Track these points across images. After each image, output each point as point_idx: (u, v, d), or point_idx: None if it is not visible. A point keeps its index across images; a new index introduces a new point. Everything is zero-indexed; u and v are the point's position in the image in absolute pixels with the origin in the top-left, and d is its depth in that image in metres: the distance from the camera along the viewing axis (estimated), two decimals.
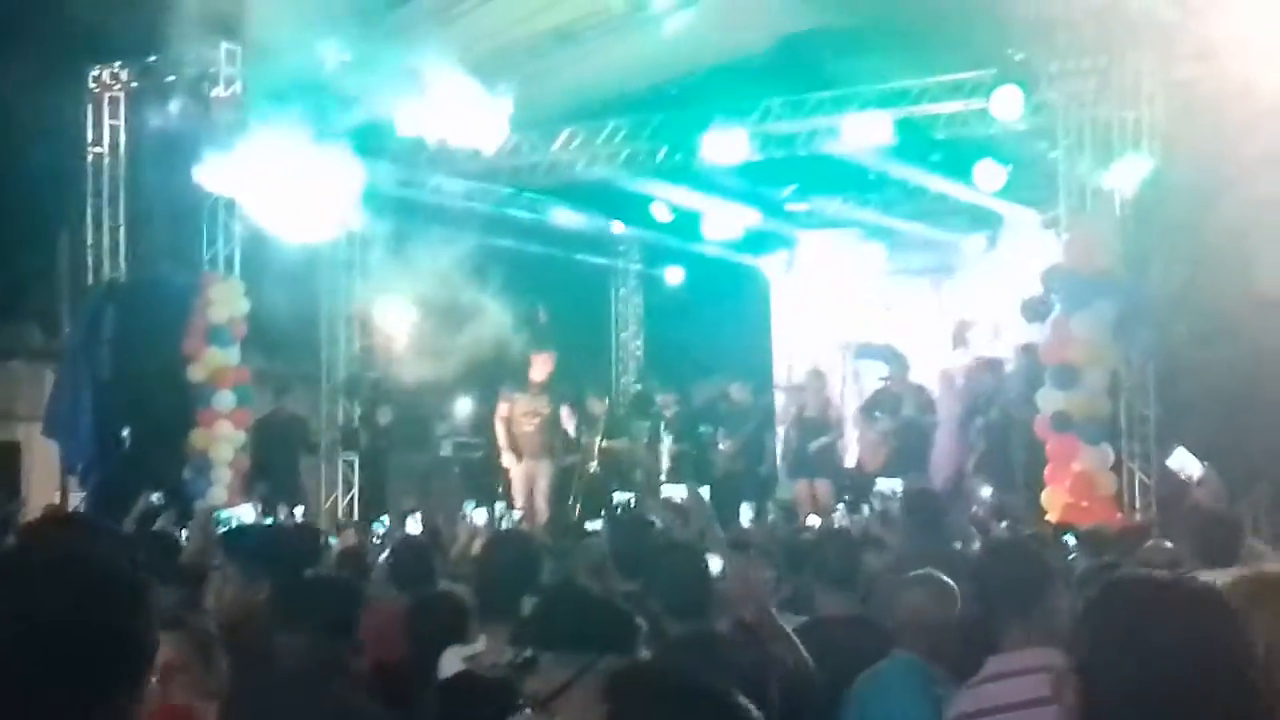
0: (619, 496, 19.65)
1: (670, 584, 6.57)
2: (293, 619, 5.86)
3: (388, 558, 10.17)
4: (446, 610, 7.41)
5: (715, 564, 7.00)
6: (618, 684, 3.74)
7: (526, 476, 20.69)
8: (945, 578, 6.79)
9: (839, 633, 7.31)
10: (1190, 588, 3.51)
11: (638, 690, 3.12)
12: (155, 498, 12.50)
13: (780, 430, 22.29)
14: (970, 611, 6.58)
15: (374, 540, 15.57)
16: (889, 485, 16.34)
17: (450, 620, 7.15)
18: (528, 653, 4.14)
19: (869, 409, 20.19)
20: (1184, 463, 11.45)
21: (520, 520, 16.95)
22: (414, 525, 14.27)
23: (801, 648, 6.64)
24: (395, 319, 21.92)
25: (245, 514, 13.96)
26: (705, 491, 18.44)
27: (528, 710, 4.15)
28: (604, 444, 21.85)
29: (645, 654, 4.27)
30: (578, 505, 20.94)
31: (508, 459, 20.84)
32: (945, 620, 6.58)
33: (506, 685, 4.35)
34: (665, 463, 21.60)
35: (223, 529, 10.52)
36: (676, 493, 18.88)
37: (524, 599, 6.60)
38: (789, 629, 6.85)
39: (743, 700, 2.95)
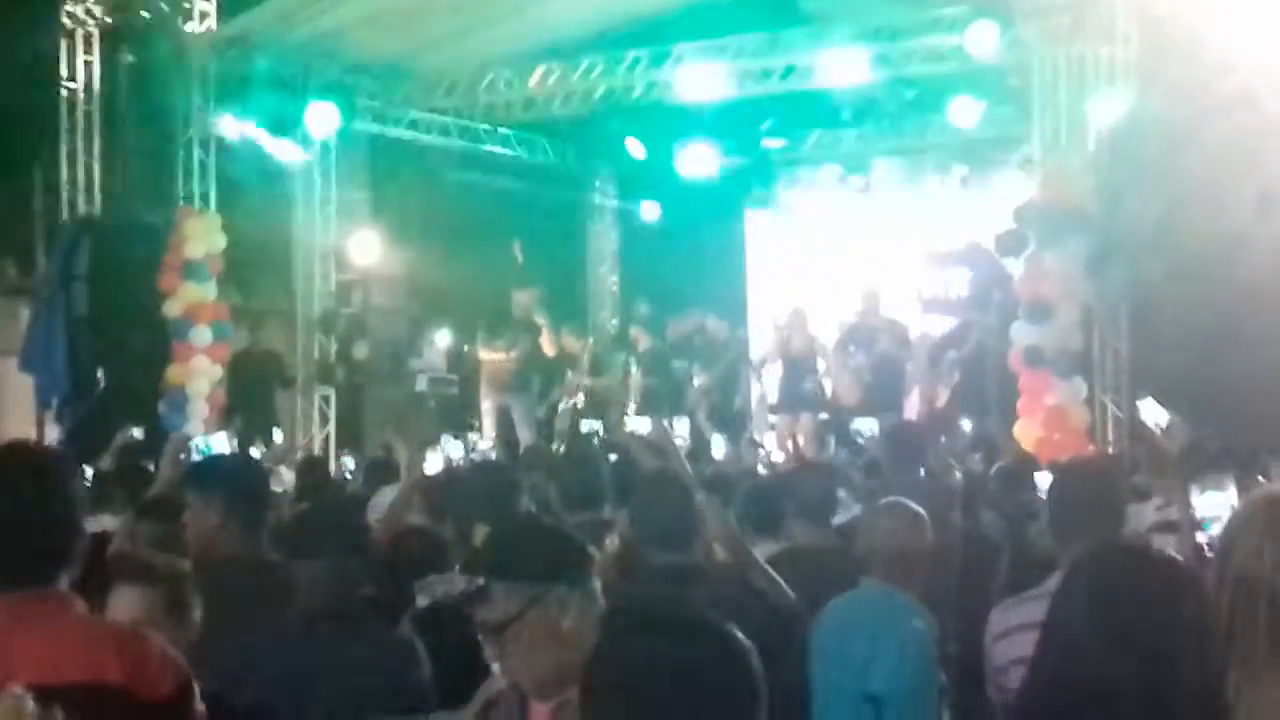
0: (586, 427, 19.71)
1: (655, 514, 6.59)
2: (309, 546, 5.89)
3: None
4: (422, 543, 7.45)
5: None
6: (613, 613, 3.78)
7: (499, 410, 20.76)
8: (915, 506, 6.84)
9: (812, 562, 7.36)
10: (1160, 558, 3.60)
11: (631, 620, 3.16)
12: (134, 432, 12.52)
13: (759, 367, 22.32)
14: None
15: (345, 474, 15.62)
16: (866, 425, 16.40)
17: (426, 552, 7.19)
18: (480, 581, 4.16)
19: (843, 344, 20.21)
20: (1152, 412, 11.50)
21: (492, 450, 16.97)
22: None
23: (785, 586, 6.68)
24: (370, 254, 21.91)
25: (219, 443, 13.91)
26: (684, 424, 18.63)
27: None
28: (588, 382, 21.90)
29: (595, 584, 4.28)
30: (562, 441, 20.98)
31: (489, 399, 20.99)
32: (916, 548, 6.64)
33: (462, 614, 4.38)
34: (635, 397, 21.63)
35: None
36: (642, 426, 18.95)
37: (478, 528, 6.65)
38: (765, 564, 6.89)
39: (738, 634, 3.00)
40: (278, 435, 18.13)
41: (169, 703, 3.96)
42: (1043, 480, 10.17)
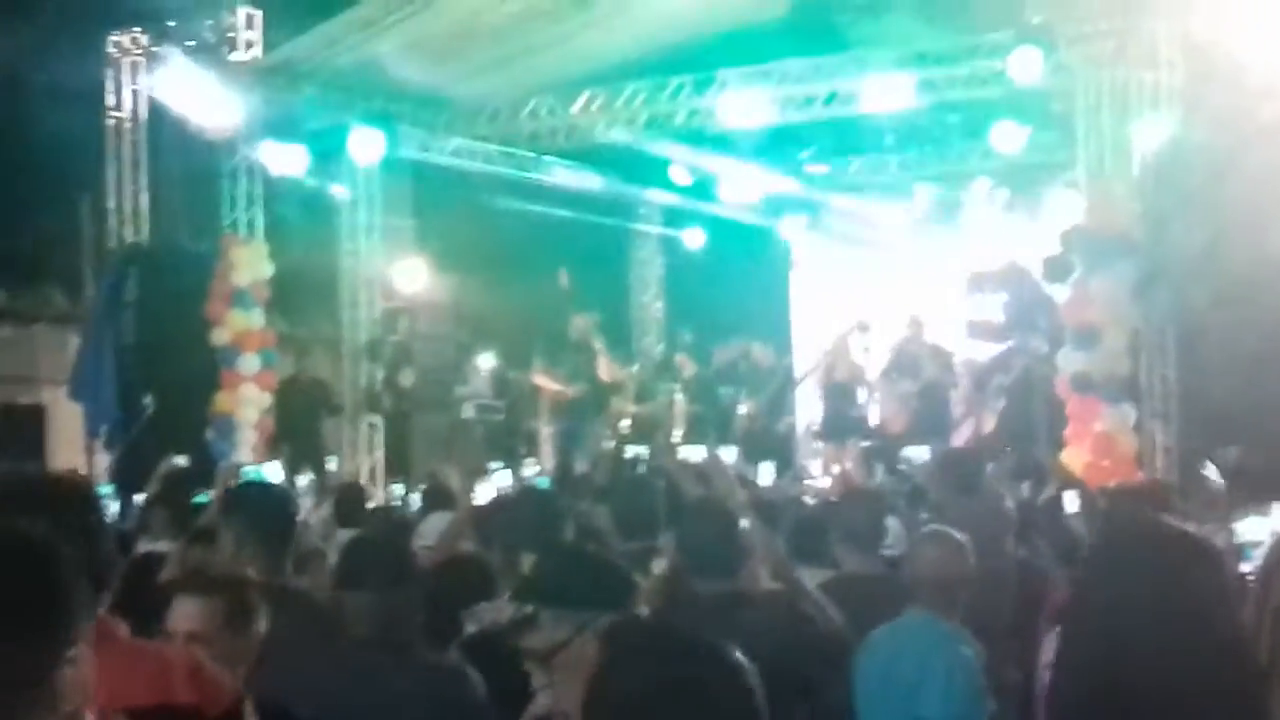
0: (629, 452, 19.70)
1: (700, 542, 6.58)
2: (357, 576, 5.92)
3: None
4: (470, 570, 7.46)
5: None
6: (613, 633, 3.78)
7: (560, 436, 20.77)
8: (958, 534, 6.83)
9: (861, 590, 7.34)
10: (1184, 535, 3.61)
11: (631, 640, 3.17)
12: (178, 460, 12.58)
13: (806, 393, 22.33)
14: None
15: (395, 501, 15.68)
16: (916, 453, 16.42)
17: (474, 580, 7.20)
18: (528, 609, 4.19)
19: (889, 371, 20.21)
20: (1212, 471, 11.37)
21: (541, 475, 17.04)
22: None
23: (831, 609, 6.67)
24: (416, 281, 21.96)
25: (272, 471, 13.96)
26: (731, 453, 18.61)
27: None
28: (633, 409, 21.93)
29: (642, 612, 4.30)
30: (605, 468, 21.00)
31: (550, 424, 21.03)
32: (960, 577, 6.62)
33: (510, 642, 4.40)
34: (681, 424, 21.66)
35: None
36: (694, 454, 18.93)
37: (525, 556, 6.64)
38: (813, 589, 6.88)
39: (736, 654, 2.99)
40: (333, 464, 18.21)
41: (228, 716, 4.03)
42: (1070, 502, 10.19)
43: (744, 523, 6.88)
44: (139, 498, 11.61)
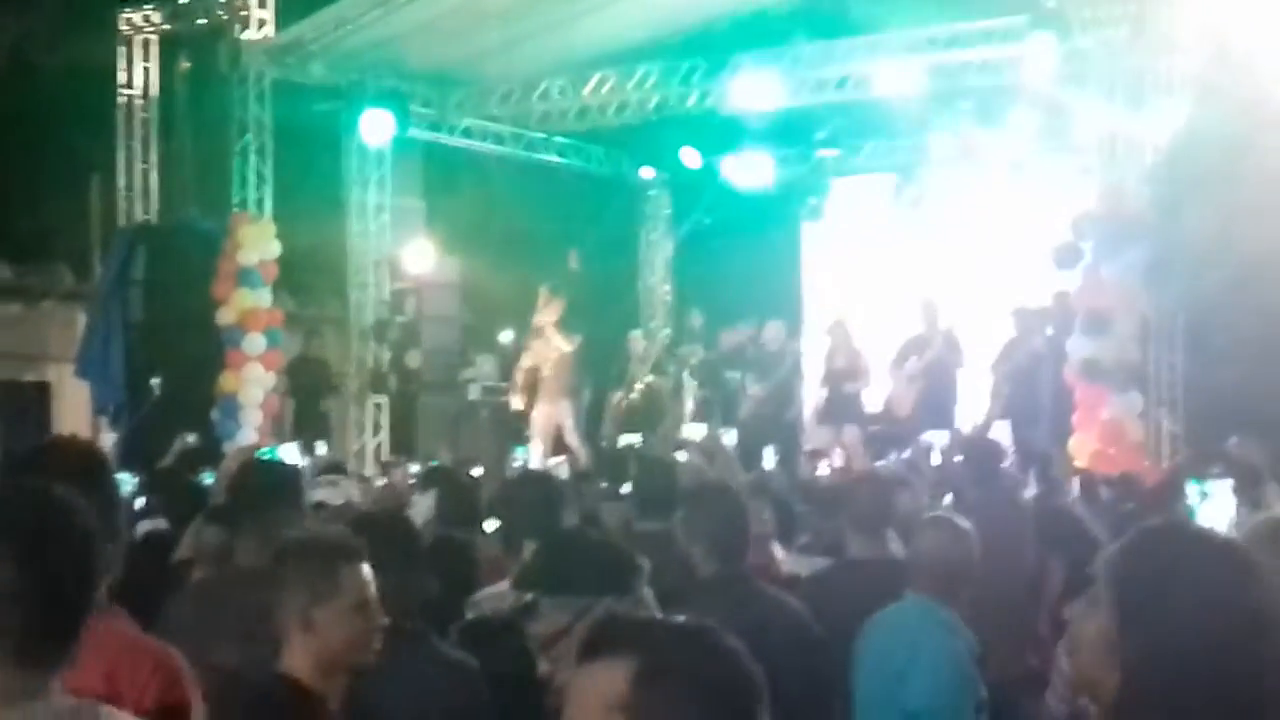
0: (625, 440, 19.65)
1: (714, 526, 6.54)
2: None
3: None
4: (460, 555, 7.41)
5: None
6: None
7: (546, 419, 20.39)
8: (961, 520, 6.78)
9: (868, 574, 7.30)
10: (1216, 540, 3.52)
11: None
12: (190, 439, 12.56)
13: (808, 377, 22.26)
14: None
15: (409, 483, 15.66)
16: (929, 439, 16.36)
17: (465, 564, 7.16)
18: (528, 597, 4.16)
19: (899, 358, 20.08)
20: None
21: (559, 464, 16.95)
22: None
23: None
24: (424, 262, 21.92)
25: (289, 454, 13.90)
26: (731, 435, 18.53)
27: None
28: (650, 379, 21.84)
29: (647, 594, 4.26)
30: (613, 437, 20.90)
31: (517, 401, 20.73)
32: (961, 563, 6.56)
33: (514, 629, 4.36)
34: (690, 408, 21.61)
35: None
36: (695, 433, 18.91)
37: (527, 542, 6.60)
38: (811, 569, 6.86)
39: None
40: (322, 447, 18.19)
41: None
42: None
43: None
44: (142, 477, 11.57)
